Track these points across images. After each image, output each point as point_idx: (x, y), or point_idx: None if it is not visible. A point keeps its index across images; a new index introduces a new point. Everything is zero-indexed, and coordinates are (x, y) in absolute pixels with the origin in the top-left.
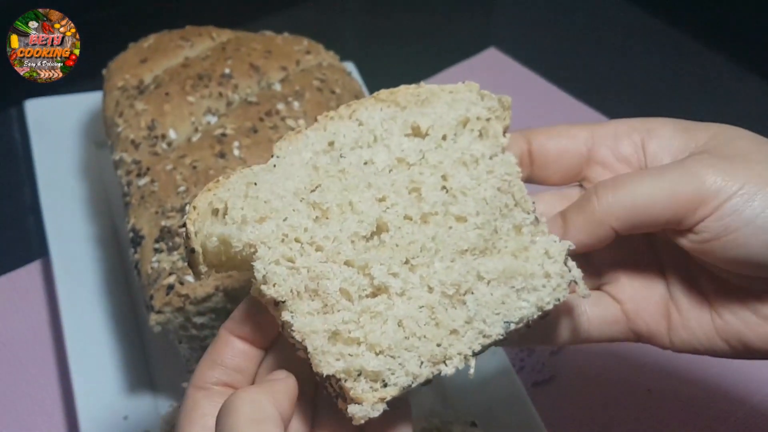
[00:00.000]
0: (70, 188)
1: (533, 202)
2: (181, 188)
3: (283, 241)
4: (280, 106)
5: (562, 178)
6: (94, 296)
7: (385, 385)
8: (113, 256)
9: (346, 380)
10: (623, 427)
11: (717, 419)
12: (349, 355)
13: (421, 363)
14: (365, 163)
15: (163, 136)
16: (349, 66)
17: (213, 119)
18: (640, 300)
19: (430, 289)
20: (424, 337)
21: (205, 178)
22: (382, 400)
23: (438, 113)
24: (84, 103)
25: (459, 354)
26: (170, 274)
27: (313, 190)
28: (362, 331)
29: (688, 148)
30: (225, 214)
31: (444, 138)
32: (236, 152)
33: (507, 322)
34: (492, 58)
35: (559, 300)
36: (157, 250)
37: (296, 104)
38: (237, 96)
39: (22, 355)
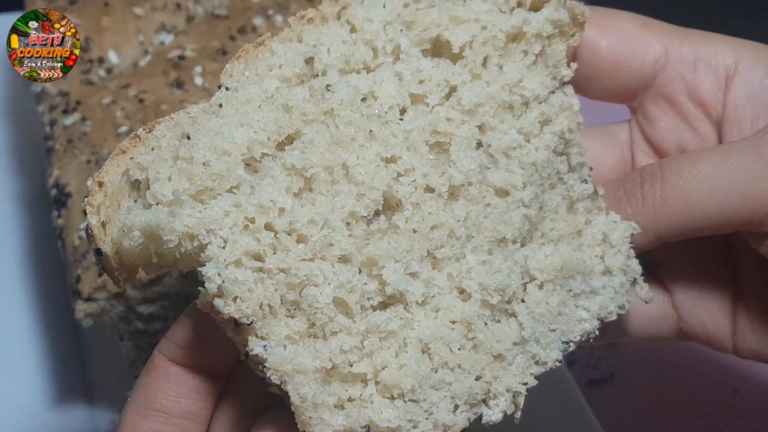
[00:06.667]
0: None
1: (590, 168)
2: (123, 129)
3: (246, 228)
4: (258, 21)
5: (607, 96)
6: (11, 276)
7: None
8: (39, 223)
9: None
10: None
11: None
12: (349, 400)
13: (456, 406)
14: (363, 100)
15: (101, 60)
16: None
17: (168, 38)
18: (699, 293)
19: (465, 295)
20: (459, 367)
21: (155, 115)
22: None
23: (482, 20)
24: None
25: (508, 391)
26: None
27: (286, 144)
28: (369, 363)
29: None
30: (148, 188)
31: (485, 63)
32: (198, 81)
33: (566, 342)
34: None
35: (623, 308)
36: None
37: (279, 18)
38: (200, 8)
39: None
